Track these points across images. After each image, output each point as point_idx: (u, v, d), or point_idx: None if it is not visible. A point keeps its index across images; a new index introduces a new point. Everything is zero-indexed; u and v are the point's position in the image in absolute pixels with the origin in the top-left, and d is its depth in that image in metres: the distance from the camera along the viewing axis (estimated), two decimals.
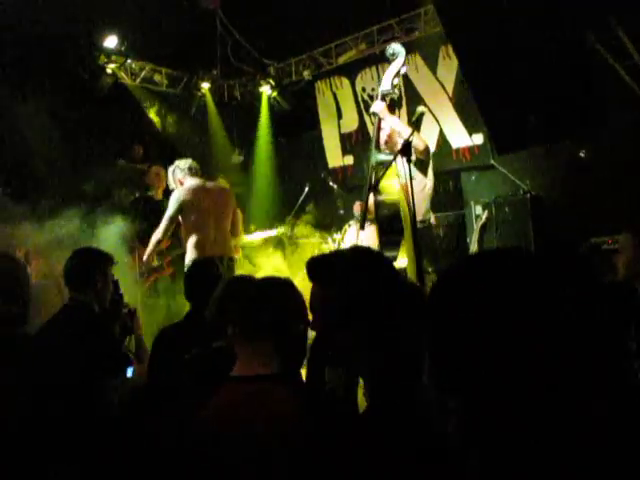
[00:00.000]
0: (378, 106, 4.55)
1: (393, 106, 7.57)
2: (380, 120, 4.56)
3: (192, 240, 5.06)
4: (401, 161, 4.46)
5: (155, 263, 5.92)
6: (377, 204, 4.47)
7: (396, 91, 4.59)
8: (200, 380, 2.06)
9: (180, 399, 2.16)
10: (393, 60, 4.52)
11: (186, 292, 3.34)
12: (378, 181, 4.17)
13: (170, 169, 5.38)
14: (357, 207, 6.55)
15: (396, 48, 4.54)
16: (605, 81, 3.54)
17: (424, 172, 4.62)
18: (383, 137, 4.63)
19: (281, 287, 1.91)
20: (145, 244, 5.96)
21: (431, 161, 4.72)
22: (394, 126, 4.57)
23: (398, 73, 4.51)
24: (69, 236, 5.13)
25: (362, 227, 4.64)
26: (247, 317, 1.79)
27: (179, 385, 2.33)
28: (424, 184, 4.62)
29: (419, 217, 4.55)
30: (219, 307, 2.63)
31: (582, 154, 5.87)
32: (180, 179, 5.27)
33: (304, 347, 1.90)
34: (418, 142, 4.48)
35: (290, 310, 1.83)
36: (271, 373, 1.69)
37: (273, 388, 1.64)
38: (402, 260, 4.29)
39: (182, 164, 5.34)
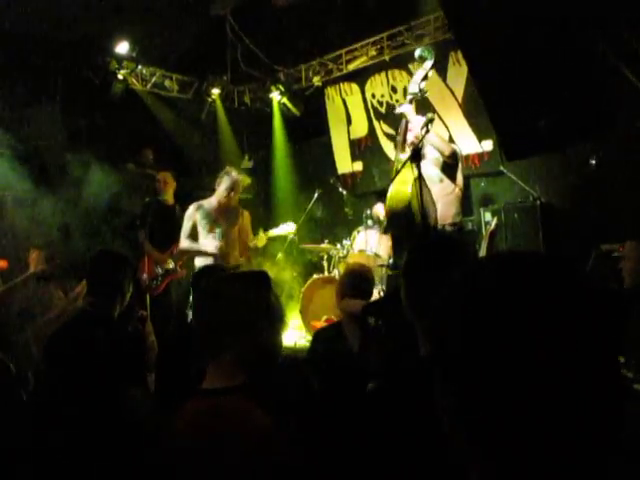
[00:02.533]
0: (405, 107, 4.48)
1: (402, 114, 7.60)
2: (407, 122, 4.49)
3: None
4: (429, 164, 4.45)
5: (170, 266, 5.96)
6: (388, 212, 4.39)
7: (423, 95, 4.50)
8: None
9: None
10: (422, 63, 4.44)
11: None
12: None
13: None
14: (378, 210, 6.48)
15: (425, 51, 4.46)
16: (616, 87, 3.52)
17: (451, 177, 4.58)
18: (410, 138, 4.55)
19: (237, 286, 1.68)
20: (158, 248, 5.99)
21: (460, 164, 4.70)
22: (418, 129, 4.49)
23: (426, 76, 4.42)
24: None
25: (385, 232, 4.61)
26: (202, 324, 1.65)
27: (188, 390, 2.30)
28: (452, 188, 4.57)
29: (447, 220, 4.52)
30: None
31: (593, 161, 5.84)
32: None
33: (272, 353, 1.70)
34: (444, 147, 4.46)
35: (245, 311, 1.62)
36: (236, 385, 1.56)
37: (238, 401, 1.53)
38: None
39: None
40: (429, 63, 4.41)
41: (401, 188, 4.02)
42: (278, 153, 8.74)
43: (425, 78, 4.42)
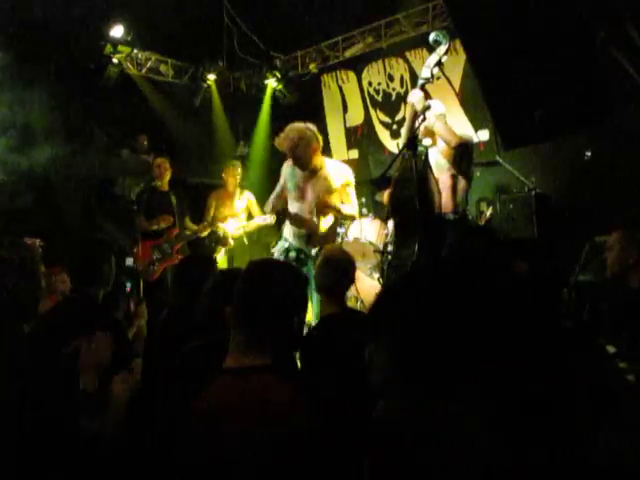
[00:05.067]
0: (414, 96, 4.35)
1: (399, 103, 7.58)
2: (415, 112, 4.33)
3: None
4: (432, 154, 4.42)
5: (167, 251, 5.95)
6: (391, 198, 4.29)
7: (435, 80, 4.38)
8: (196, 373, 2.01)
9: (175, 393, 2.12)
10: (435, 47, 4.29)
11: (177, 287, 3.31)
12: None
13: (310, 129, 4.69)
14: (385, 197, 6.43)
15: (439, 35, 4.26)
16: (614, 78, 3.52)
17: (459, 167, 4.49)
18: (422, 127, 4.39)
19: (280, 271, 1.80)
20: (152, 235, 5.97)
21: (473, 156, 4.63)
22: (429, 118, 4.35)
23: (440, 61, 4.26)
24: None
25: (387, 218, 4.51)
26: (242, 303, 1.71)
27: (174, 379, 2.29)
28: (458, 178, 4.51)
29: (450, 209, 4.45)
30: (212, 299, 2.59)
31: (588, 152, 5.84)
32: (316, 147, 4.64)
33: (299, 334, 1.84)
34: (449, 137, 4.34)
35: (287, 296, 1.74)
36: (266, 364, 1.62)
37: (271, 380, 1.58)
38: None
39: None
40: (443, 48, 4.22)
41: (406, 175, 3.98)
42: (267, 140, 8.58)
43: (439, 63, 4.27)
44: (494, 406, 0.82)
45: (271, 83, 8.33)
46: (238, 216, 6.42)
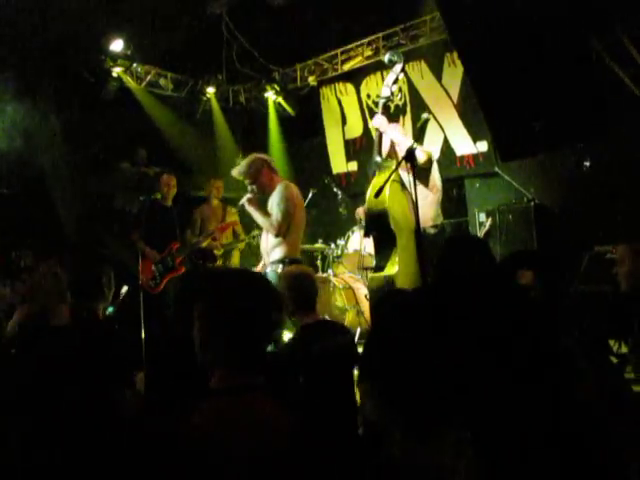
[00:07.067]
0: (377, 121, 4.65)
1: (397, 115, 7.62)
2: (381, 133, 4.65)
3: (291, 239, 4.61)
4: (405, 169, 4.48)
5: (169, 264, 5.93)
6: (367, 214, 4.50)
7: (395, 98, 4.71)
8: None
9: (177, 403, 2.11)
10: (391, 67, 4.63)
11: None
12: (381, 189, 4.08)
13: (253, 161, 4.73)
14: (360, 212, 6.52)
15: (394, 55, 4.66)
16: (610, 89, 3.53)
17: (425, 182, 4.66)
18: (385, 149, 4.71)
19: (237, 283, 1.66)
20: (156, 248, 5.95)
21: (437, 167, 4.77)
22: (394, 138, 4.67)
23: (397, 79, 4.62)
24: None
25: (366, 235, 4.66)
26: (235, 326, 1.59)
27: (185, 389, 2.28)
28: (427, 192, 4.65)
29: (428, 223, 4.56)
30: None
31: (587, 163, 5.86)
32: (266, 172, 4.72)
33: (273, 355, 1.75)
34: (420, 154, 4.50)
35: (270, 312, 1.63)
36: (252, 383, 1.55)
37: (264, 399, 1.53)
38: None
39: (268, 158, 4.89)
40: (399, 66, 4.59)
41: (378, 191, 4.06)
42: (274, 153, 8.70)
43: (396, 81, 4.63)
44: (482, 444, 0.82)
45: (270, 96, 8.38)
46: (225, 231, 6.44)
